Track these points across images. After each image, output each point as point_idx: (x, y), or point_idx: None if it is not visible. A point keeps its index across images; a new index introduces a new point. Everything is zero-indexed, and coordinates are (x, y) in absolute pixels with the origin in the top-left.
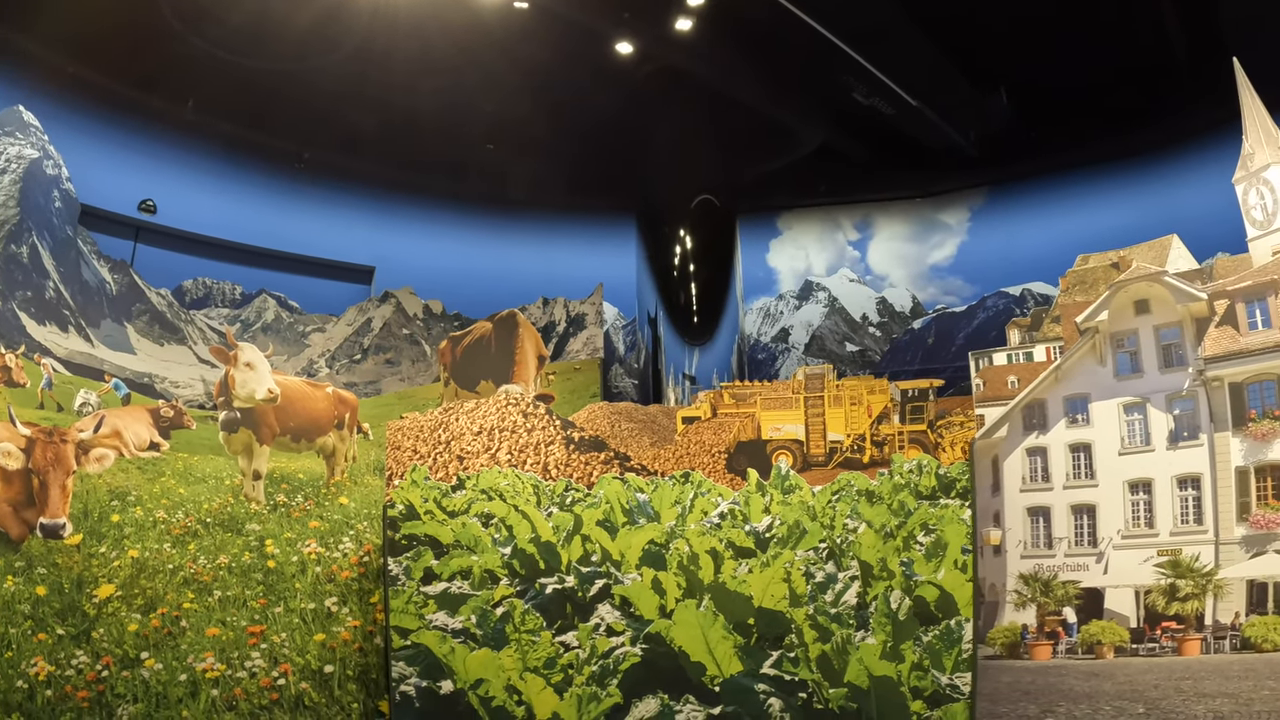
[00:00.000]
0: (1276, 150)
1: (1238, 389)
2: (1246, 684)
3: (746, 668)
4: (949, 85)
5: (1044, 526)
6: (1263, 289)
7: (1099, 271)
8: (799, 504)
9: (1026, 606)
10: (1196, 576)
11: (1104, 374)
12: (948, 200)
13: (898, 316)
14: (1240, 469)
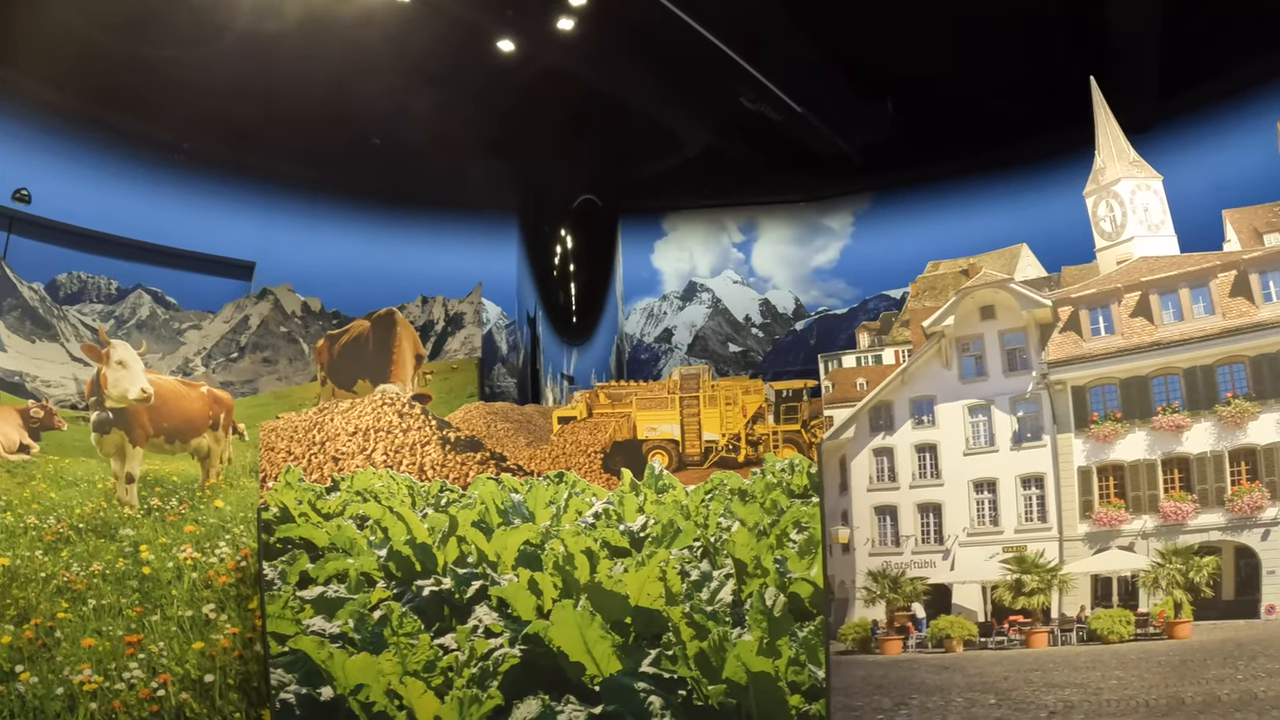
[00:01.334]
0: (1127, 165)
1: (1080, 392)
2: (1094, 674)
3: (626, 666)
4: (835, 93)
5: (891, 525)
6: (1106, 297)
7: (949, 278)
8: (673, 503)
9: (876, 603)
10: (1042, 572)
11: (950, 377)
12: (832, 205)
13: (780, 318)
14: (1083, 469)
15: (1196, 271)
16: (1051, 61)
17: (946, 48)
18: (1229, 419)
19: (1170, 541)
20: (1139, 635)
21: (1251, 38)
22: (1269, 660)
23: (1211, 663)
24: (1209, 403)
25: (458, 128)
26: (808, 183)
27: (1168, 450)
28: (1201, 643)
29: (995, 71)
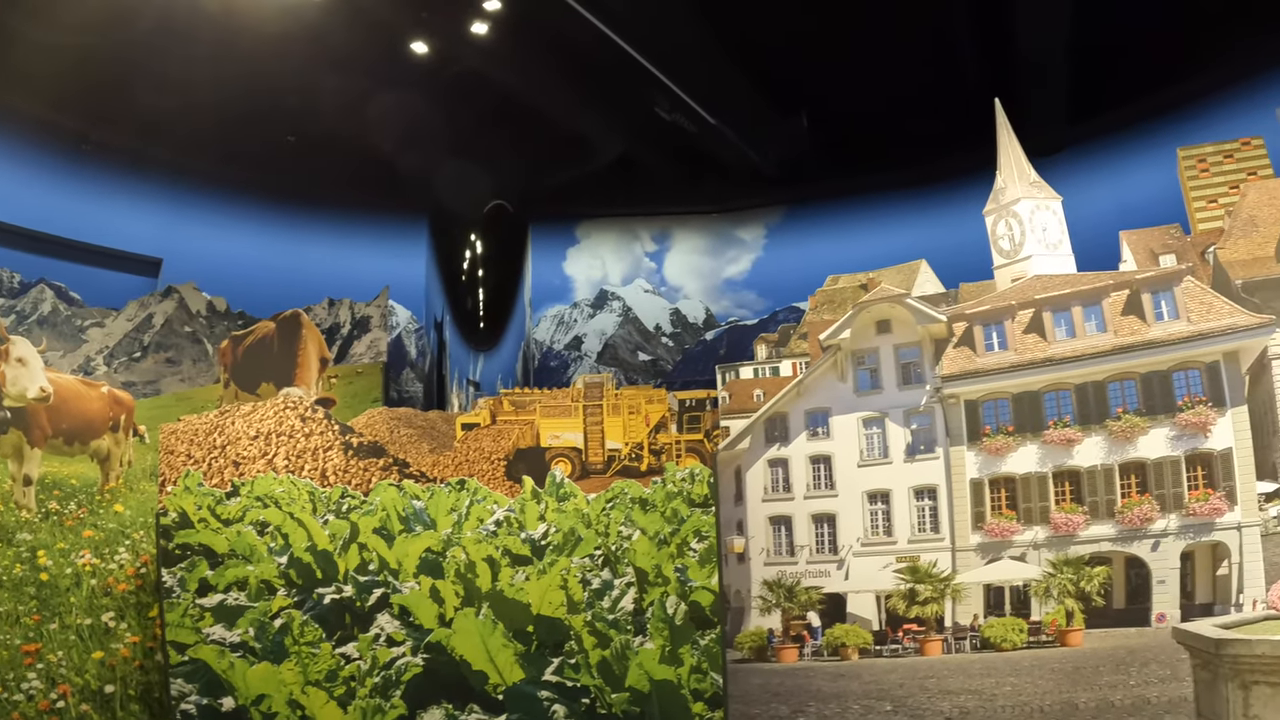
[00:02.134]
0: (1027, 186)
1: (973, 406)
2: (989, 681)
3: (528, 675)
4: (751, 107)
5: (786, 535)
6: (1000, 313)
7: (848, 291)
8: (574, 511)
9: (771, 612)
10: (935, 581)
11: (845, 390)
12: (745, 216)
13: (691, 328)
14: (975, 481)
15: (1090, 290)
16: (963, 83)
17: (861, 67)
18: (1119, 433)
19: (1061, 552)
20: (1032, 643)
21: (1156, 70)
22: (1160, 667)
23: (1104, 669)
24: (1100, 417)
25: (370, 129)
26: (721, 194)
27: (1059, 463)
28: (1094, 650)
29: (908, 91)
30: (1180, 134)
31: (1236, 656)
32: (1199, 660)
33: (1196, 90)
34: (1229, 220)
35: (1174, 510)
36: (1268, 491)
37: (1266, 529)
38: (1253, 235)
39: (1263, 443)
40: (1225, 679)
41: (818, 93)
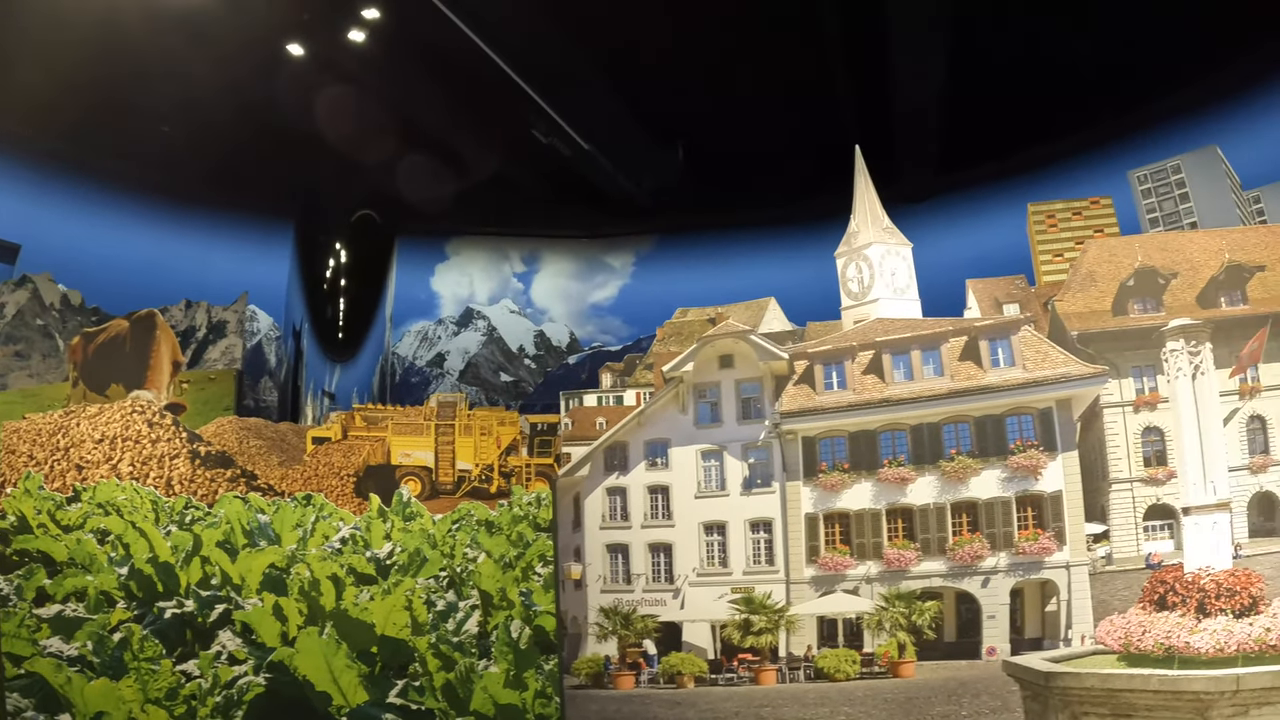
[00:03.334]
0: (880, 231)
1: (810, 442)
2: (823, 710)
3: (372, 697)
4: (627, 135)
5: (623, 563)
6: (841, 354)
7: (696, 325)
8: (420, 532)
9: (608, 639)
10: (769, 612)
11: (685, 421)
12: (615, 243)
13: (554, 351)
14: (810, 515)
15: (929, 335)
16: (835, 130)
17: (739, 106)
18: (952, 474)
19: (894, 586)
20: (865, 674)
21: (1020, 129)
22: (991, 698)
23: (936, 700)
24: (934, 458)
25: (242, 128)
26: (593, 220)
27: (893, 500)
28: (926, 681)
29: (782, 133)
30: (1037, 190)
31: (1066, 689)
32: (1029, 692)
33: (1056, 151)
34: (1070, 274)
35: (1004, 549)
36: (1096, 533)
37: (1095, 568)
38: (1091, 290)
39: (1092, 486)
40: (1056, 710)
41: (695, 128)
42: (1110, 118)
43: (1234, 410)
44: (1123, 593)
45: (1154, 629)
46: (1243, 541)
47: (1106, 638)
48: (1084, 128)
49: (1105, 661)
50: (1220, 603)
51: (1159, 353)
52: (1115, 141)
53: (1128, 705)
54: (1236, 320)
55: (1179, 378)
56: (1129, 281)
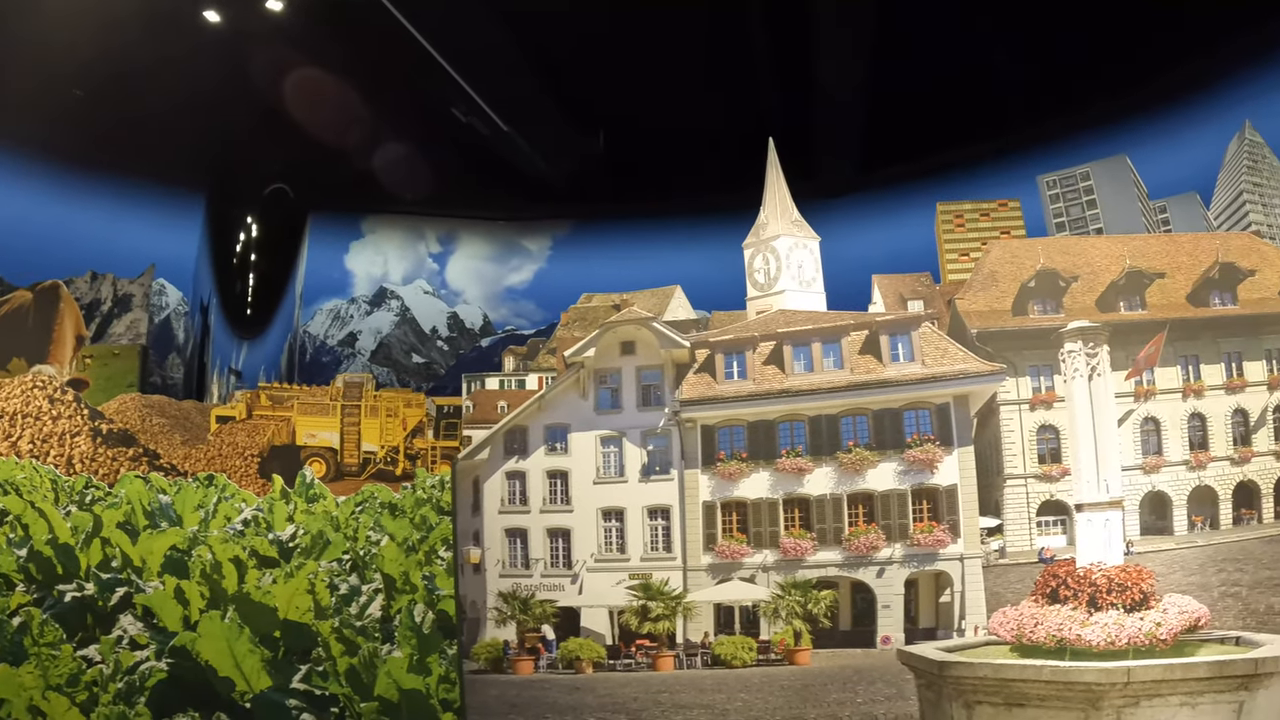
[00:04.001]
0: (789, 224)
1: (709, 431)
2: (720, 696)
3: (276, 683)
4: (547, 119)
5: (522, 548)
6: (742, 344)
7: (600, 310)
8: (323, 514)
9: (507, 624)
10: (667, 599)
11: (585, 407)
12: (532, 227)
13: (467, 333)
14: (708, 503)
15: (830, 328)
16: (757, 124)
17: (663, 96)
18: (849, 465)
19: (790, 575)
20: (761, 661)
21: (939, 130)
22: (886, 686)
23: (832, 687)
24: (831, 449)
25: (156, 97)
26: (511, 202)
27: (790, 490)
28: (822, 669)
29: (704, 125)
30: (950, 191)
31: (960, 678)
32: (924, 681)
33: (970, 155)
34: (972, 273)
35: (900, 540)
36: (990, 527)
37: (988, 561)
38: (992, 289)
39: (986, 481)
40: (949, 699)
41: (616, 114)
42: (1025, 125)
43: (1129, 412)
44: (1015, 585)
45: (1046, 621)
46: (1135, 539)
47: (999, 629)
48: (999, 134)
49: (998, 652)
50: (1111, 597)
51: (1057, 353)
52: (1029, 148)
53: (1020, 695)
54: (1134, 325)
55: (1075, 378)
56: (1030, 283)
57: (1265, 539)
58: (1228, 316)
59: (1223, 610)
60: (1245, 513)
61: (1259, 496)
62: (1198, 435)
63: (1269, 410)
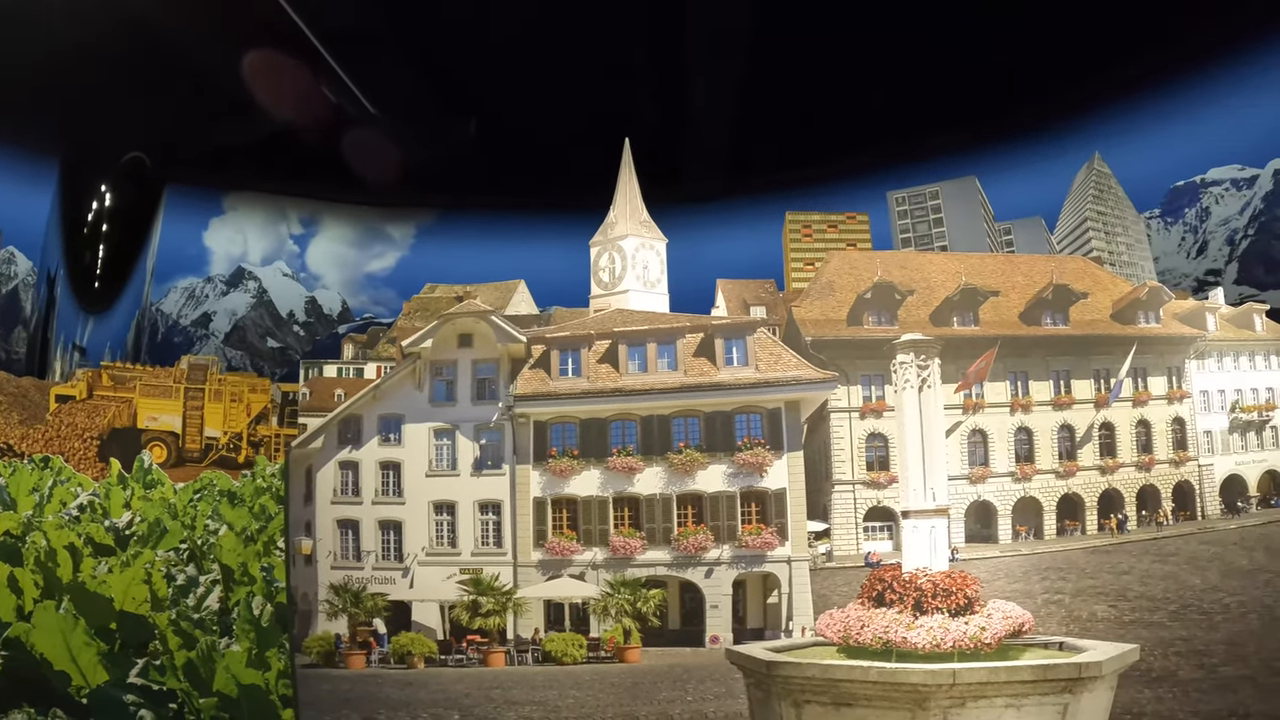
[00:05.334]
0: (637, 224)
1: (542, 427)
2: (552, 693)
3: (113, 677)
4: (418, 105)
5: (354, 539)
6: (578, 341)
7: (443, 301)
8: (160, 501)
9: (339, 616)
10: (497, 594)
11: (420, 398)
12: (397, 214)
13: (325, 319)
14: (538, 500)
15: (666, 329)
16: (630, 124)
17: (538, 90)
18: (680, 466)
19: (619, 573)
20: (592, 658)
21: (804, 146)
22: (715, 684)
23: (662, 685)
24: (662, 449)
25: (11, 56)
26: (378, 186)
27: (620, 489)
28: (651, 667)
29: (578, 122)
30: (807, 202)
31: (788, 678)
32: (752, 680)
33: (830, 170)
34: (811, 282)
35: (728, 541)
36: (817, 530)
37: (815, 564)
38: (829, 299)
39: (815, 486)
40: (778, 698)
41: (489, 105)
42: (885, 145)
43: (957, 423)
44: (842, 588)
45: (872, 624)
46: (960, 546)
47: (826, 630)
48: (859, 151)
49: (826, 653)
50: (936, 601)
51: (889, 364)
52: (887, 166)
53: (848, 694)
54: (966, 339)
55: (906, 389)
56: (867, 294)
57: (1088, 549)
58: (1058, 336)
59: (1046, 617)
60: (1069, 524)
61: (1083, 509)
62: (1024, 448)
63: (1095, 427)
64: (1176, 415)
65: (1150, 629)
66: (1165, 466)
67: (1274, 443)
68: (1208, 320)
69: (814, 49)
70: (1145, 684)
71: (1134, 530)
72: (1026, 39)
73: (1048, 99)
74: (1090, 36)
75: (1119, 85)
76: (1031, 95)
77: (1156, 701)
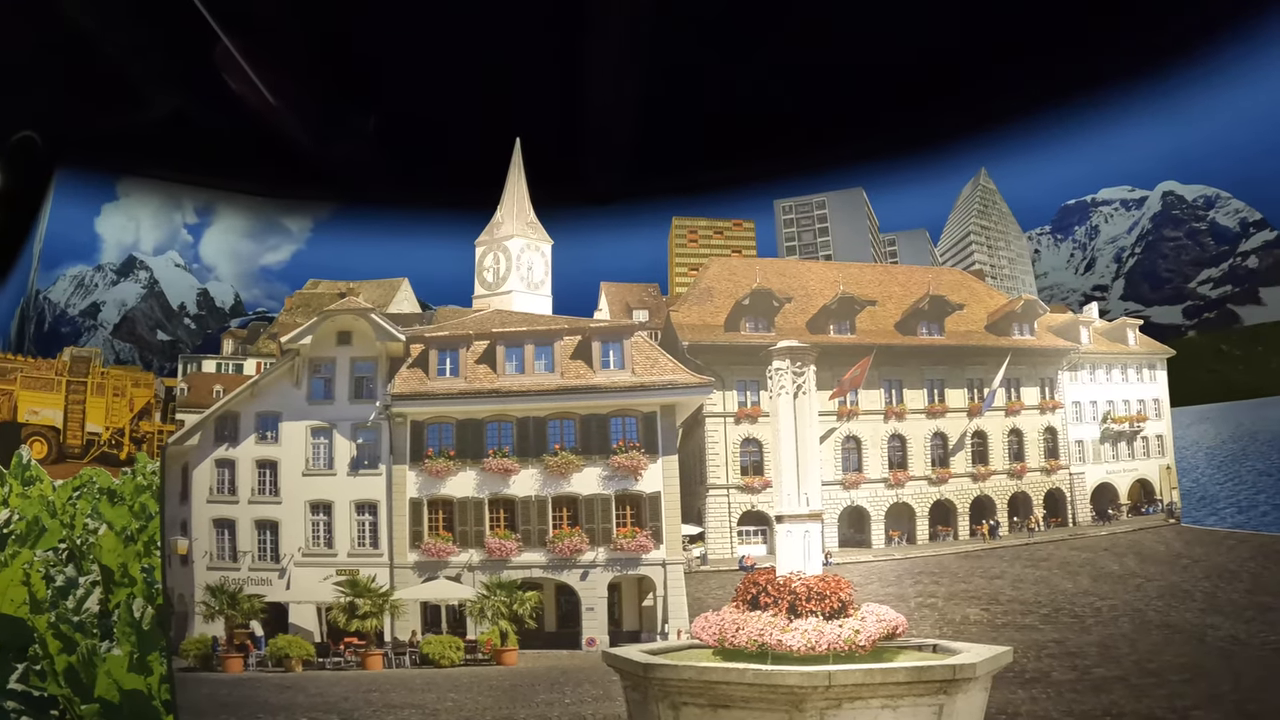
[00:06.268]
0: (524, 225)
1: (419, 427)
2: (430, 696)
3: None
4: (319, 96)
5: (230, 539)
6: (456, 341)
7: (326, 297)
8: (39, 498)
9: (215, 618)
10: (374, 596)
11: (298, 396)
12: (294, 206)
13: (217, 312)
14: (415, 500)
15: (544, 331)
16: (534, 123)
17: (440, 84)
18: (555, 468)
19: (495, 575)
20: (469, 661)
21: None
22: (593, 687)
23: (540, 687)
24: (538, 451)
25: None
26: (275, 177)
27: (496, 491)
28: (529, 669)
29: (473, 118)
30: (699, 208)
31: (665, 680)
32: (630, 682)
33: (728, 176)
34: (690, 287)
35: (603, 544)
36: (692, 534)
37: (690, 567)
38: (707, 304)
39: (690, 490)
40: (655, 700)
41: (390, 101)
42: (781, 153)
43: (831, 430)
44: (717, 591)
45: (747, 626)
46: (833, 550)
47: (702, 633)
48: (754, 159)
49: (702, 655)
50: (811, 605)
51: (765, 370)
52: (786, 175)
53: (725, 697)
54: (842, 347)
55: (781, 395)
56: (745, 300)
57: (960, 554)
58: (933, 346)
59: (920, 620)
60: (941, 529)
61: (955, 514)
62: (897, 455)
63: (968, 435)
64: (1049, 425)
65: (1023, 631)
66: (1037, 474)
67: (1144, 453)
68: (1081, 333)
69: (713, 54)
70: (1019, 685)
71: (1006, 536)
72: (923, 54)
73: (943, 114)
74: (986, 55)
75: (1014, 104)
76: (927, 110)
77: (1031, 702)
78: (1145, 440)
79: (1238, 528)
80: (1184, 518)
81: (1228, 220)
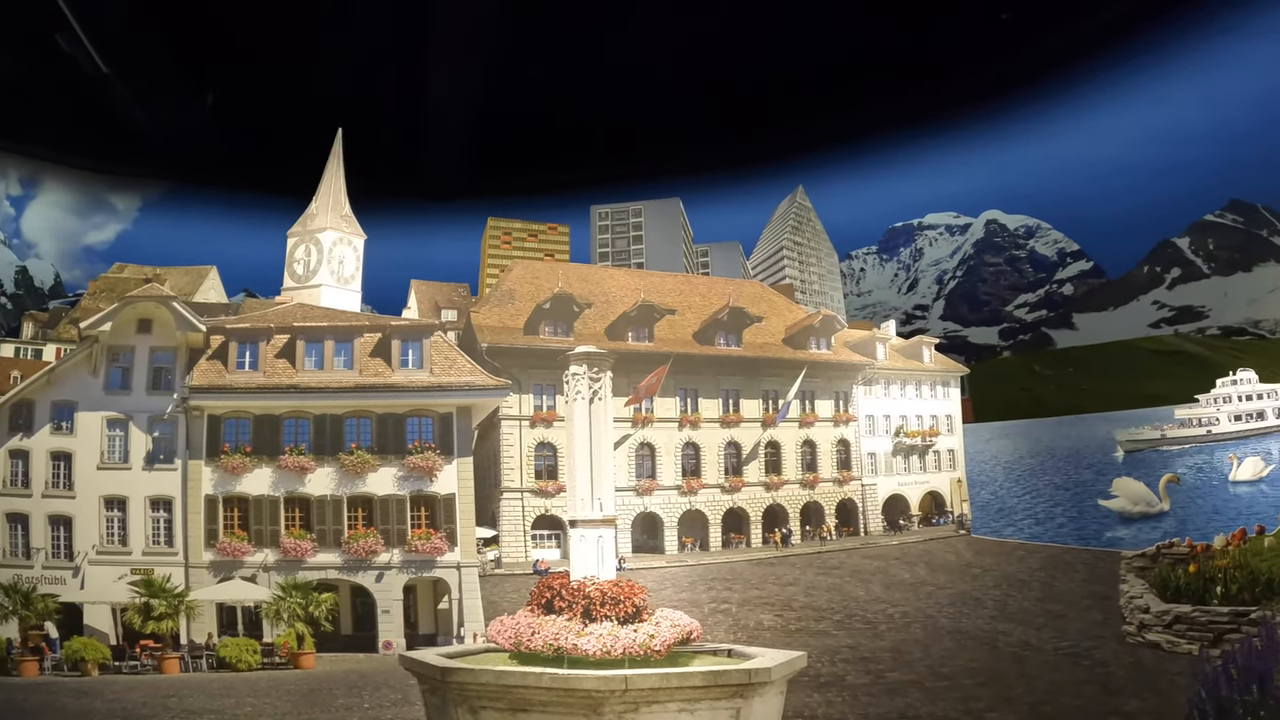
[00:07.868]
0: (337, 218)
1: (216, 421)
2: (229, 701)
3: None
4: (152, 69)
5: (23, 535)
6: (256, 334)
7: (131, 283)
8: None
9: (9, 619)
10: (169, 597)
11: (95, 385)
12: (124, 183)
13: (35, 292)
14: (210, 497)
15: (344, 327)
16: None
17: (282, 70)
18: (351, 467)
19: (291, 576)
20: (267, 664)
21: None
22: (391, 691)
23: (339, 692)
24: (334, 450)
25: None
26: (104, 151)
27: (291, 489)
28: (327, 673)
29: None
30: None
31: (463, 684)
32: (428, 686)
33: (554, 181)
34: (492, 289)
35: (399, 545)
36: (487, 537)
37: (485, 570)
38: (508, 306)
39: (485, 492)
40: (454, 704)
41: (228, 84)
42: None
43: (626, 436)
44: (511, 595)
45: (543, 630)
46: (627, 556)
47: (498, 636)
48: (580, 164)
49: (499, 659)
50: (605, 609)
51: (562, 374)
52: (615, 183)
53: (524, 700)
54: (640, 354)
55: (577, 400)
56: (545, 304)
57: (753, 561)
58: (730, 356)
59: (714, 625)
60: (735, 536)
61: (748, 522)
62: (691, 463)
63: (761, 445)
64: (842, 437)
65: (816, 637)
66: (830, 485)
67: (936, 466)
68: (877, 349)
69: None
70: (815, 689)
71: (798, 544)
72: (756, 74)
73: (769, 134)
74: (819, 78)
75: (844, 128)
76: (753, 128)
77: (827, 705)
78: (937, 454)
79: (1034, 539)
80: (982, 529)
81: (1046, 249)
